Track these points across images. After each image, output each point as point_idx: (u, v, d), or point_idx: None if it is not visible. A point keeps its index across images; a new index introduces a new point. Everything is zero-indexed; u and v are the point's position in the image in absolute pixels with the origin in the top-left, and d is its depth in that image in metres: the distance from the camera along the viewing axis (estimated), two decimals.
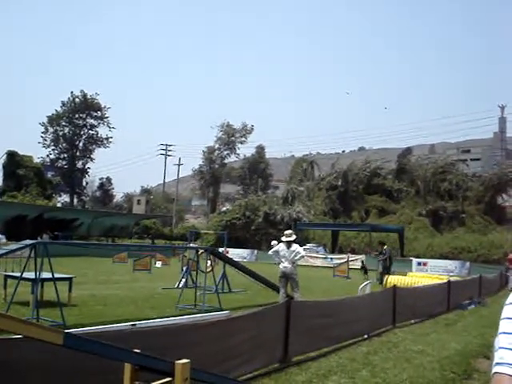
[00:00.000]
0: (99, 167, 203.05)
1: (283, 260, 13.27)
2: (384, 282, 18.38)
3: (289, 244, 13.37)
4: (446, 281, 16.05)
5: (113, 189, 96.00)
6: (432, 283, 16.29)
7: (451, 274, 29.72)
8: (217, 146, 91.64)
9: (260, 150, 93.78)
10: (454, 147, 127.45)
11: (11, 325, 3.25)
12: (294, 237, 13.64)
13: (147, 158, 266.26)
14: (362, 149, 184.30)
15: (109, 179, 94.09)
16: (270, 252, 14.16)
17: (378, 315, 10.86)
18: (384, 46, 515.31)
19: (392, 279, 17.89)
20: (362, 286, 13.25)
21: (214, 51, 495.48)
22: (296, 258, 13.29)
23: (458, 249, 44.29)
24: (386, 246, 23.86)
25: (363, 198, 58.76)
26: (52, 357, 4.21)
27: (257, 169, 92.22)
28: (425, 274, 24.16)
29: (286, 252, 13.24)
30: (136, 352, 4.06)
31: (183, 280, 16.77)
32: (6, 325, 3.23)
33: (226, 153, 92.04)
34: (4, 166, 59.43)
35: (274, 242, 34.68)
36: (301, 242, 46.62)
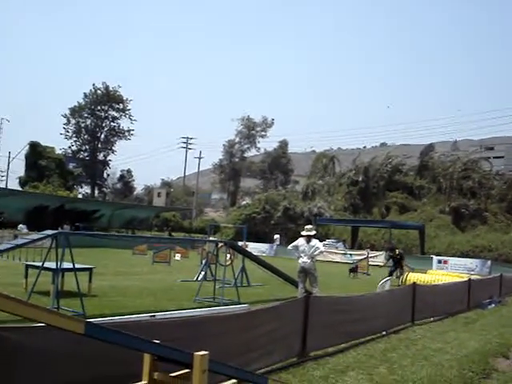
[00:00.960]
0: (120, 159, 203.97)
1: (302, 255, 13.24)
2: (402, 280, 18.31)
3: (309, 239, 13.34)
4: (466, 279, 15.93)
5: (133, 181, 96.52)
6: (452, 281, 16.18)
7: (472, 272, 29.47)
8: (237, 139, 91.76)
9: (283, 145, 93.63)
10: (477, 144, 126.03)
11: (34, 313, 3.29)
12: (314, 232, 13.60)
13: (168, 151, 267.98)
14: (383, 144, 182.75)
15: (129, 171, 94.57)
16: (290, 247, 14.11)
17: (396, 312, 10.81)
18: (407, 40, 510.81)
19: (412, 277, 17.80)
20: (381, 283, 13.21)
21: (238, 44, 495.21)
22: (315, 253, 13.26)
23: (479, 247, 43.87)
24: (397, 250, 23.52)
25: (384, 195, 58.38)
26: (73, 346, 4.26)
27: (278, 163, 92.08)
28: (445, 272, 23.95)
29: (306, 247, 13.21)
30: (155, 343, 4.09)
31: (202, 273, 16.84)
32: (29, 313, 3.27)
33: (246, 146, 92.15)
34: (26, 157, 60.08)
35: (276, 236, 34.62)
36: (320, 237, 46.66)
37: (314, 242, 13.40)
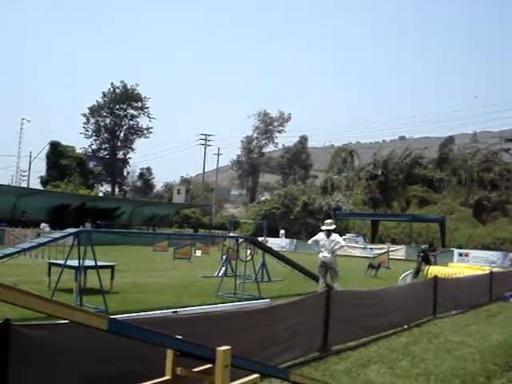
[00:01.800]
0: (140, 157, 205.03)
1: (322, 249, 13.23)
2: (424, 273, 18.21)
3: (328, 233, 13.31)
4: (488, 272, 15.81)
5: (153, 178, 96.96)
6: (474, 274, 16.07)
7: (493, 265, 29.20)
8: (255, 135, 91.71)
9: (303, 140, 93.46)
10: (496, 136, 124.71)
11: (58, 310, 3.34)
12: (333, 226, 13.58)
13: (187, 148, 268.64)
14: (402, 138, 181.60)
15: (149, 169, 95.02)
16: (310, 241, 14.08)
17: (418, 306, 10.77)
18: (427, 31, 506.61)
19: (433, 270, 17.70)
20: (402, 276, 13.17)
21: (255, 40, 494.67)
22: (336, 247, 13.24)
23: (500, 239, 43.49)
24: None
25: (404, 188, 58.05)
26: (96, 342, 4.31)
27: (297, 159, 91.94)
28: (466, 265, 23.78)
29: (326, 241, 13.19)
30: (178, 338, 4.12)
31: (223, 269, 16.89)
32: (53, 310, 3.32)
33: (264, 142, 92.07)
34: (47, 156, 60.59)
35: (282, 232, 34.53)
36: (340, 231, 46.53)
37: (334, 236, 13.37)
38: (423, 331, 9.99)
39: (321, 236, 13.44)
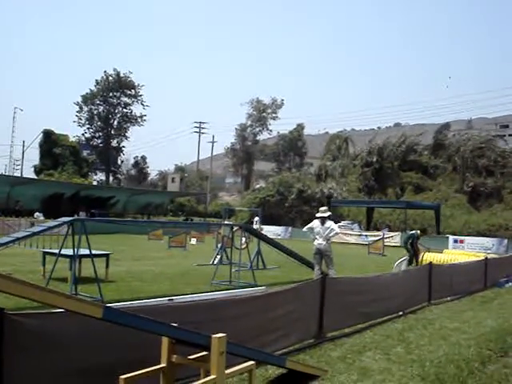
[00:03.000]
0: (134, 145, 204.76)
1: (317, 237, 13.24)
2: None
3: (323, 220, 13.32)
4: (483, 258, 15.86)
5: (147, 167, 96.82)
6: (469, 260, 16.11)
7: (488, 251, 29.28)
8: (249, 122, 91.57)
9: (299, 128, 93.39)
10: (492, 122, 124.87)
11: (53, 299, 3.33)
12: (328, 213, 13.58)
13: (181, 136, 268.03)
14: (397, 125, 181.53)
15: (143, 157, 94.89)
16: (305, 229, 14.09)
17: (413, 292, 10.79)
18: (419, 19, 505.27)
19: (428, 256, 17.74)
20: (397, 263, 13.20)
21: (249, 27, 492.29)
22: (330, 234, 13.25)
23: (495, 226, 43.56)
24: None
25: (398, 175, 58.01)
26: (91, 330, 4.30)
27: (292, 146, 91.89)
28: (461, 252, 23.84)
29: (321, 229, 13.21)
30: (173, 326, 4.12)
31: (218, 257, 16.89)
32: (48, 299, 3.30)
33: (258, 129, 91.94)
34: (41, 145, 60.37)
35: (256, 219, 34.70)
36: (335, 218, 46.56)
37: (329, 223, 13.39)
38: (418, 318, 10.02)
39: (315, 223, 13.45)
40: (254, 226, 13.49)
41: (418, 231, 22.07)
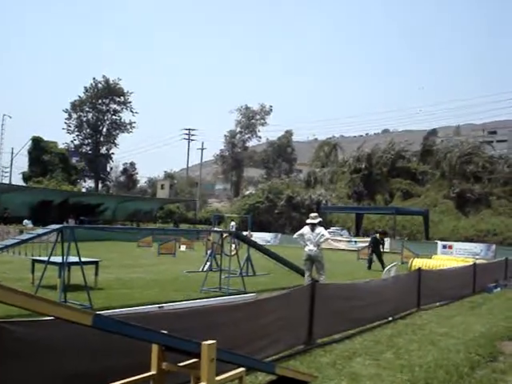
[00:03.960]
0: (123, 152, 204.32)
1: (308, 243, 13.26)
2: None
3: (313, 227, 13.35)
4: (471, 263, 15.94)
5: (137, 173, 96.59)
6: (457, 266, 16.18)
7: (477, 256, 29.38)
8: (238, 129, 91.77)
9: (288, 135, 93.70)
10: (479, 128, 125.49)
11: (42, 306, 3.32)
12: (318, 219, 13.61)
13: (170, 143, 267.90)
14: (386, 131, 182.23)
15: (132, 164, 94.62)
16: (295, 235, 14.05)
17: (402, 298, 10.83)
18: (406, 25, 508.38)
19: (417, 262, 17.81)
20: (387, 269, 13.21)
21: (237, 34, 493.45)
22: (321, 240, 13.28)
23: (483, 231, 43.89)
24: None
25: (387, 181, 58.31)
26: (81, 338, 4.29)
27: (281, 152, 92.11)
28: (450, 257, 23.95)
29: (311, 235, 13.23)
30: (163, 333, 4.13)
31: (208, 263, 16.88)
32: (37, 306, 3.30)
33: (247, 136, 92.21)
34: (29, 152, 60.16)
35: (232, 224, 34.76)
36: (324, 225, 46.59)
37: (319, 229, 13.42)
38: (408, 323, 10.05)
39: (306, 229, 13.48)
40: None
41: (377, 234, 22.69)
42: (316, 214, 14.01)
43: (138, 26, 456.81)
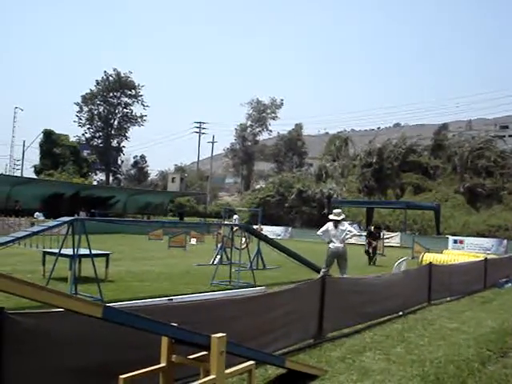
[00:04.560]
0: (134, 145, 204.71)
1: (334, 239, 13.05)
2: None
3: (337, 223, 13.18)
4: (482, 258, 15.86)
5: (147, 166, 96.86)
6: (468, 261, 16.11)
7: (488, 251, 29.30)
8: (249, 123, 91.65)
9: (298, 128, 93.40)
10: (491, 123, 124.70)
11: (53, 298, 3.33)
12: (342, 216, 13.41)
13: (181, 136, 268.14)
14: (397, 125, 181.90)
15: (143, 157, 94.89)
16: (319, 232, 13.71)
17: (413, 292, 10.79)
18: (422, 20, 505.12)
19: (428, 257, 17.74)
20: (397, 263, 13.17)
21: (249, 27, 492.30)
22: (347, 236, 13.10)
23: (494, 226, 43.61)
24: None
25: (398, 175, 57.99)
26: (91, 330, 4.30)
27: (292, 146, 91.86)
28: (461, 252, 23.86)
29: (336, 231, 13.05)
30: (173, 326, 4.12)
31: (218, 257, 16.88)
32: (48, 298, 3.30)
33: (258, 130, 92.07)
34: (41, 145, 60.39)
35: (235, 217, 34.84)
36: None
37: (345, 225, 13.28)
38: (418, 318, 10.02)
39: (330, 226, 13.23)
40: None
41: (372, 227, 22.61)
42: (340, 211, 13.73)
43: (150, 19, 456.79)
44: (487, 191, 50.46)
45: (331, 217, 13.44)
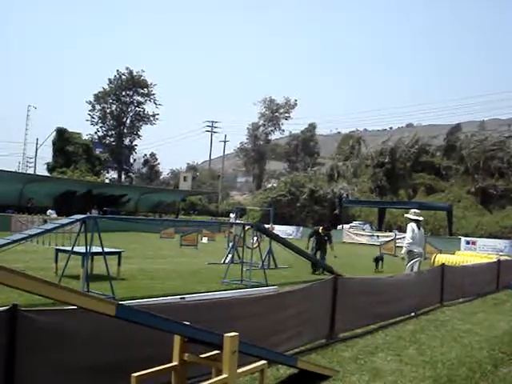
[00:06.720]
0: (146, 144, 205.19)
1: (418, 243, 12.85)
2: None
3: (419, 224, 12.91)
4: (495, 260, 15.76)
5: (158, 164, 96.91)
6: (481, 262, 16.02)
7: (501, 253, 29.09)
8: (261, 122, 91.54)
9: (311, 128, 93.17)
10: (505, 123, 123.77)
11: (66, 296, 3.33)
12: (421, 217, 13.13)
13: (193, 135, 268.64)
14: (409, 125, 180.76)
15: (153, 155, 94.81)
16: (409, 239, 12.71)
17: (425, 293, 10.74)
18: (432, 21, 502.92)
19: (440, 258, 17.67)
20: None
21: (262, 28, 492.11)
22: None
23: (507, 228, 43.32)
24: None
25: (410, 176, 57.76)
26: (103, 328, 4.31)
27: (304, 146, 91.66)
28: (473, 253, 23.72)
29: (419, 233, 12.77)
30: (186, 324, 4.12)
31: (229, 256, 16.89)
32: (61, 296, 3.31)
33: (270, 129, 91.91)
34: (54, 143, 60.61)
35: (232, 215, 34.60)
36: (347, 219, 46.40)
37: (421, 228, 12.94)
38: (430, 319, 9.97)
39: (415, 228, 12.75)
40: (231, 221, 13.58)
41: (320, 228, 20.03)
42: (419, 211, 13.51)
43: (162, 17, 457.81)
44: (500, 192, 50.14)
45: (414, 217, 12.97)
